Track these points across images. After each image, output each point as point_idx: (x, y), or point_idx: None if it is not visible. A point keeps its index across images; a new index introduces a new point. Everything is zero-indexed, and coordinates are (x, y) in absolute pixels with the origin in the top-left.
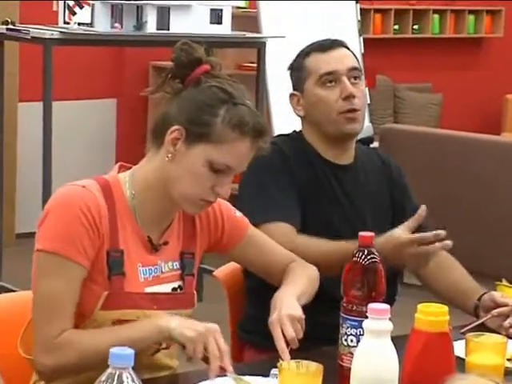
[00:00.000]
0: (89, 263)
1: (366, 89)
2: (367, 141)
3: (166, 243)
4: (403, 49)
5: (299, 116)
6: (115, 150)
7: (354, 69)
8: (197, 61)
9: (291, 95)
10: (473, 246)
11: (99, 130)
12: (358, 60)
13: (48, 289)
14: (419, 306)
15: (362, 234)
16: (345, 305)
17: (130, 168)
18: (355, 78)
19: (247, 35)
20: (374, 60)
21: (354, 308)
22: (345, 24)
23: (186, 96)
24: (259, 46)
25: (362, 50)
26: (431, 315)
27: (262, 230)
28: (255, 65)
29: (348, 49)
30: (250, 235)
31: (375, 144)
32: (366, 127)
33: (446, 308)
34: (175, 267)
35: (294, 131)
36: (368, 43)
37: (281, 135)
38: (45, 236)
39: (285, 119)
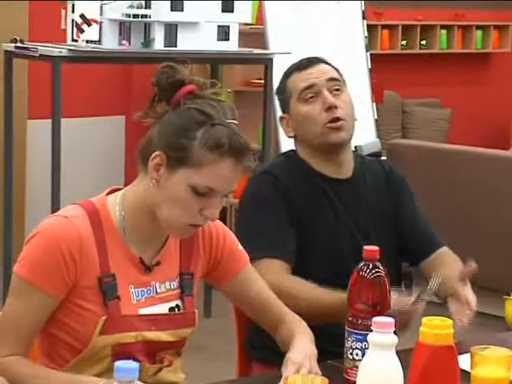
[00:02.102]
0: (58, 294)
1: (349, 98)
2: (375, 156)
3: (158, 263)
4: (411, 64)
5: (290, 137)
6: (124, 167)
7: (333, 79)
8: (179, 82)
9: (281, 118)
10: (481, 261)
11: (108, 146)
12: (339, 72)
13: (10, 310)
14: (424, 320)
15: (366, 247)
16: (350, 319)
17: (121, 189)
18: (336, 89)
19: (254, 51)
20: (381, 75)
21: (360, 322)
22: (352, 40)
23: (166, 120)
24: (266, 63)
25: (370, 66)
26: (436, 328)
27: (256, 267)
28: (262, 81)
29: (328, 64)
30: (247, 272)
31: (383, 159)
32: (374, 142)
33: (450, 321)
34: (173, 287)
35: (291, 150)
36: (375, 59)
37: (279, 155)
38: (21, 260)
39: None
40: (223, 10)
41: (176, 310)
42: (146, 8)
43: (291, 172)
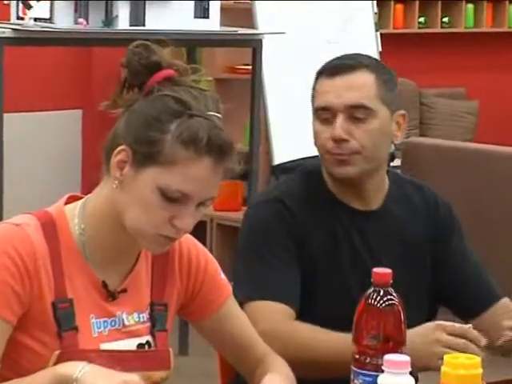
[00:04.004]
0: (15, 318)
1: (378, 126)
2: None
3: (125, 290)
4: (430, 46)
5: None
6: (81, 170)
7: (357, 107)
8: (154, 66)
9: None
10: (509, 267)
11: (62, 146)
12: (381, 84)
13: None
14: (446, 358)
15: (377, 270)
16: (357, 356)
17: (82, 198)
18: (358, 118)
19: (240, 31)
20: (394, 60)
21: (368, 360)
22: (359, 17)
23: (135, 109)
24: (254, 45)
25: (380, 48)
26: (461, 368)
27: (249, 308)
28: (250, 67)
29: (370, 70)
30: (230, 307)
31: (397, 161)
32: None
33: (478, 359)
34: (142, 320)
35: (317, 159)
36: (387, 40)
37: (300, 171)
38: None
39: (285, 131)
40: None
41: (146, 347)
42: None
43: (306, 199)
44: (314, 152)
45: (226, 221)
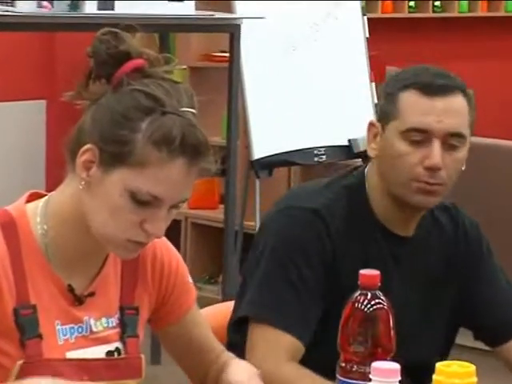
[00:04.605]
0: None
1: (464, 155)
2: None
3: (92, 294)
4: (421, 32)
5: (370, 155)
6: (45, 165)
7: (457, 135)
8: (123, 55)
9: (370, 124)
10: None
11: (24, 139)
12: (471, 115)
13: None
14: (438, 366)
15: (364, 272)
16: (342, 364)
17: (45, 196)
18: (453, 146)
19: (216, 16)
20: (382, 47)
21: (355, 368)
22: (345, 0)
23: (103, 104)
24: (232, 30)
25: (367, 34)
26: (454, 377)
27: (256, 330)
28: (227, 54)
29: (462, 93)
30: (195, 313)
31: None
32: None
33: (473, 367)
34: (111, 325)
35: (362, 172)
36: (375, 25)
37: (340, 183)
38: None
39: (265, 123)
40: None
41: (116, 354)
42: None
43: (346, 218)
44: (297, 146)
45: (201, 220)
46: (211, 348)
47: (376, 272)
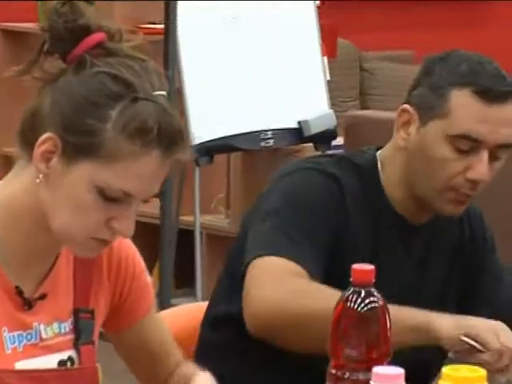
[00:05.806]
0: None
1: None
2: (328, 136)
3: (43, 297)
4: (373, 3)
5: (397, 144)
6: None
7: (504, 146)
8: (82, 30)
9: (403, 110)
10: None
11: None
12: None
13: None
14: (444, 370)
15: (357, 266)
16: (333, 371)
17: None
18: (496, 157)
19: None
20: (332, 18)
21: (347, 375)
22: None
23: (63, 88)
24: None
25: (318, 2)
26: (463, 383)
27: (257, 265)
28: (161, 26)
29: None
30: (152, 316)
31: (339, 140)
32: (326, 115)
33: (483, 372)
34: (63, 330)
35: (373, 155)
36: None
37: (352, 160)
38: None
39: (205, 104)
40: None
41: (69, 364)
42: None
43: (359, 194)
44: (241, 129)
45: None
46: (166, 356)
47: (370, 267)
